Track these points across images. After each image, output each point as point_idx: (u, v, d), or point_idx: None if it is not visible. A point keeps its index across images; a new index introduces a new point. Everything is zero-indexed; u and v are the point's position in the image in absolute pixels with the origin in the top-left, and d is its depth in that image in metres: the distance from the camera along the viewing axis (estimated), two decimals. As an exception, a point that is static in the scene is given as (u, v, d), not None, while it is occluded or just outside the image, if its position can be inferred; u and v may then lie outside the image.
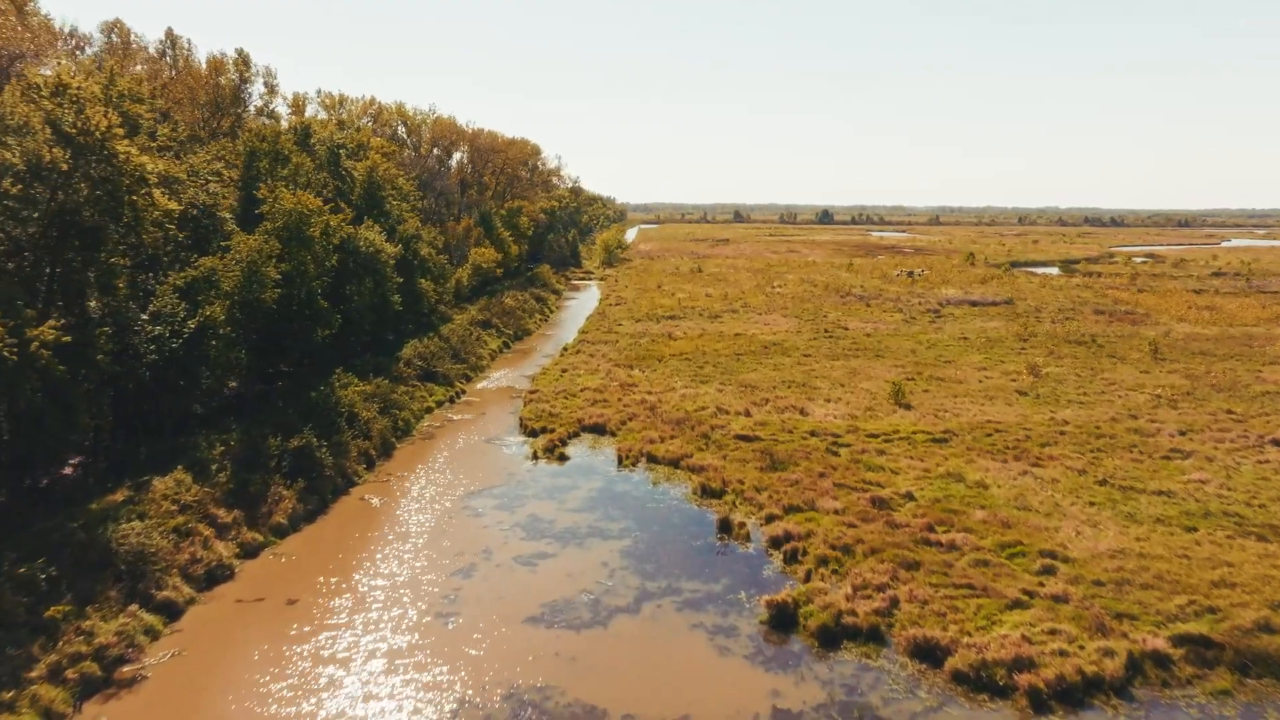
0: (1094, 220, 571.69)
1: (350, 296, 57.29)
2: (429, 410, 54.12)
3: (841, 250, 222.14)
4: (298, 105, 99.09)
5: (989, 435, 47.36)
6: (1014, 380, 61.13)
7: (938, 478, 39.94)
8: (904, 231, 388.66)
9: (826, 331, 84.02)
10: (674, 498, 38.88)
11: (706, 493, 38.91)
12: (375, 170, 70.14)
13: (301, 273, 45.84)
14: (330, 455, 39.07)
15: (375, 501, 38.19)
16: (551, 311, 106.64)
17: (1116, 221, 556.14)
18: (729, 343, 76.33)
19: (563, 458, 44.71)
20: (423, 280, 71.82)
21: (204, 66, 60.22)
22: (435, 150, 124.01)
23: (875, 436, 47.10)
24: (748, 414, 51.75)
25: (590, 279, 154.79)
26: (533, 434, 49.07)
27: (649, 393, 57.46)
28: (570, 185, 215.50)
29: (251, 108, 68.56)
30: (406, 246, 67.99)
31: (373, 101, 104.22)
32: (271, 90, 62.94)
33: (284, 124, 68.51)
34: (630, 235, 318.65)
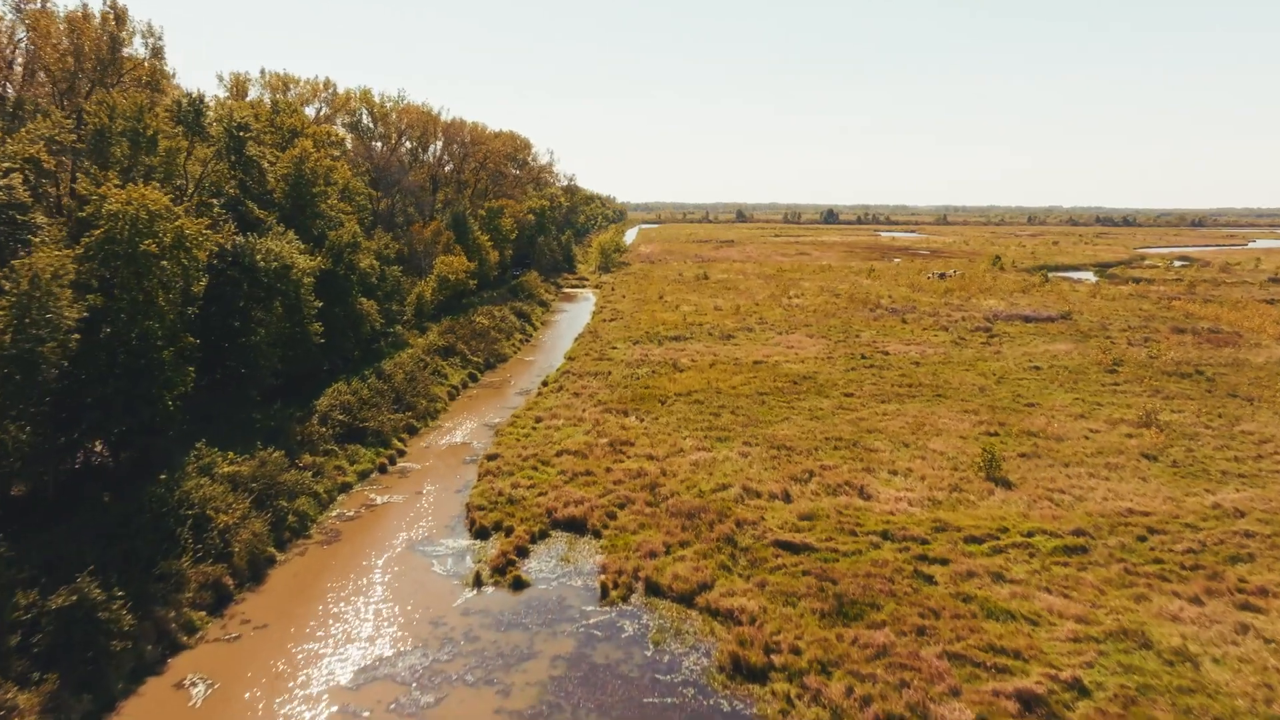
0: (1105, 220, 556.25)
1: (249, 329, 42.66)
2: (345, 488, 39.31)
3: (854, 252, 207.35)
4: (239, 88, 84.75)
5: (1141, 539, 32.58)
6: (1131, 436, 46.31)
7: (1107, 639, 25.13)
8: (913, 232, 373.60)
9: (864, 357, 69.21)
10: (689, 677, 24.07)
11: (741, 669, 24.11)
12: (304, 162, 55.45)
13: (137, 306, 31.04)
14: (130, 611, 24.18)
15: (198, 693, 23.31)
16: (536, 328, 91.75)
17: (1129, 221, 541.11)
18: (748, 375, 61.51)
19: (519, 584, 29.84)
20: (364, 300, 57.06)
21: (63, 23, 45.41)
22: (407, 143, 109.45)
23: (978, 541, 32.34)
24: (787, 498, 36.94)
25: (585, 286, 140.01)
26: (481, 534, 34.26)
27: (649, 457, 42.69)
28: (565, 183, 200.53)
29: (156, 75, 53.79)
30: (338, 258, 53.20)
31: (328, 84, 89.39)
32: (156, 54, 48.19)
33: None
34: (630, 236, 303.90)
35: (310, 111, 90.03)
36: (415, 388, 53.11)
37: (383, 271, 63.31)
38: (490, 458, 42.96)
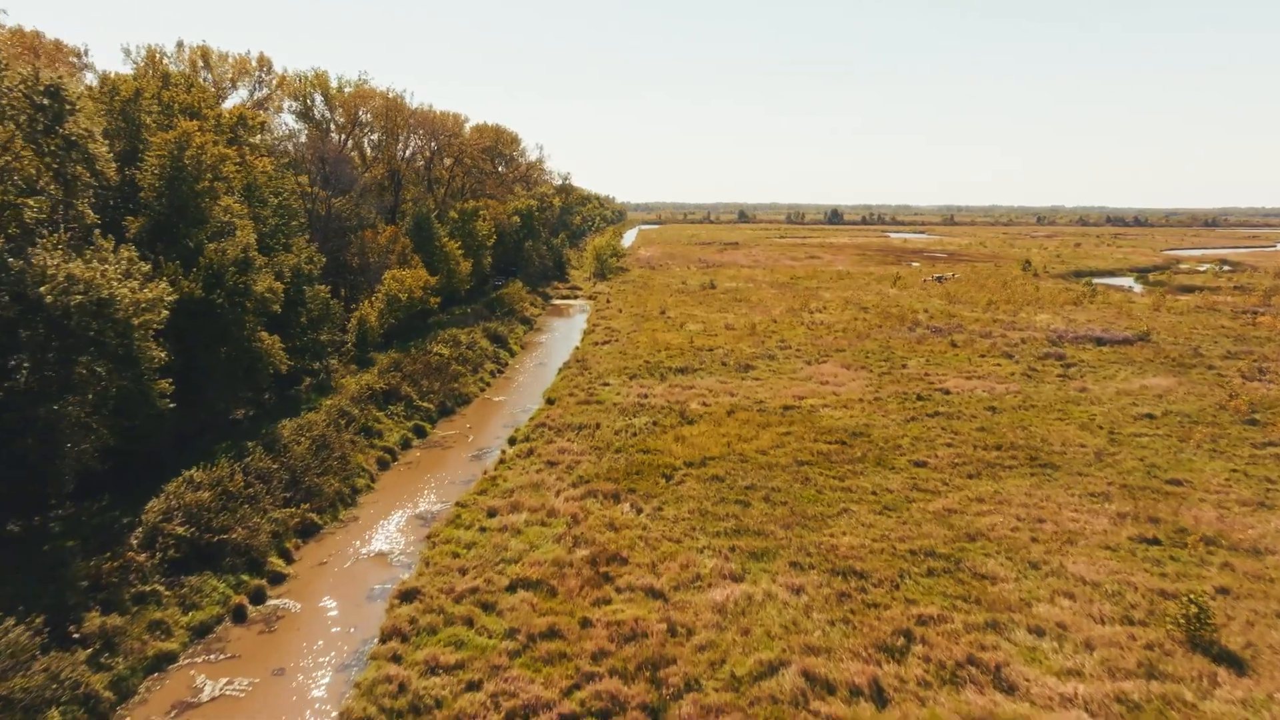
0: (1116, 220, 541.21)
1: (44, 397, 27.95)
2: (164, 663, 24.48)
3: (867, 255, 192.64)
4: (153, 64, 70.03)
5: None
6: (1358, 546, 31.58)
7: None
8: (922, 233, 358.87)
9: (920, 398, 54.48)
10: None
11: None
12: (185, 149, 40.70)
13: None
14: None
15: None
16: (514, 354, 76.90)
17: (1140, 221, 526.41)
18: (779, 430, 46.68)
19: None
20: (265, 335, 42.30)
21: None
22: (374, 135, 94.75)
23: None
24: (879, 697, 22.17)
25: (578, 296, 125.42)
26: (353, 792, 19.53)
27: (649, 591, 27.95)
28: (560, 182, 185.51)
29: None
30: (216, 282, 38.41)
31: (262, 61, 74.53)
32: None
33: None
34: (629, 237, 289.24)
35: (244, 94, 75.53)
36: (325, 461, 38.28)
37: (301, 293, 48.65)
38: (405, 596, 28.06)
